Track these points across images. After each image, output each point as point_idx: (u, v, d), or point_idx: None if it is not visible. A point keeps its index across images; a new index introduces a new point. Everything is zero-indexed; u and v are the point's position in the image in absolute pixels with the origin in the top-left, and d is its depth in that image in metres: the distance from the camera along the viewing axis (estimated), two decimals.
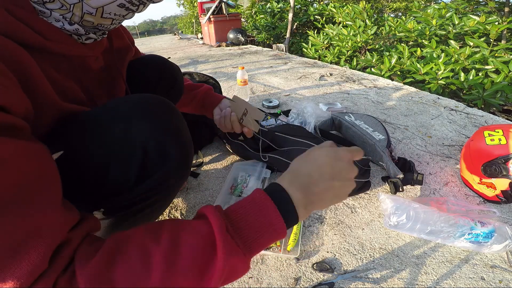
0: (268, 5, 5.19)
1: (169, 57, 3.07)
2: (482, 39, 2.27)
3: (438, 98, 1.60)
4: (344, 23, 3.47)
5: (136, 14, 0.47)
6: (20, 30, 0.36)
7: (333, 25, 3.60)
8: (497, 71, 2.00)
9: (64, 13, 0.40)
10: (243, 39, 4.40)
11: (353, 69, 2.57)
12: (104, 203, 0.45)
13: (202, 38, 5.76)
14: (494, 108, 2.09)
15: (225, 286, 0.66)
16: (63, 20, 0.41)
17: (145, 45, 6.32)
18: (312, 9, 4.46)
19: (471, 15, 2.36)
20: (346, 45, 3.10)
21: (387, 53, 2.69)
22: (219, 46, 4.49)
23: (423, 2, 4.38)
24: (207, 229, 0.31)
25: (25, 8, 0.38)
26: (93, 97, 0.51)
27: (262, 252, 0.71)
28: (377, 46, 3.28)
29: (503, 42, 2.56)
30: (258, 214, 0.34)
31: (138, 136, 0.43)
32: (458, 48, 2.24)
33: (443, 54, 2.26)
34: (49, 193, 0.29)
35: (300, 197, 0.36)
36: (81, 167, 0.43)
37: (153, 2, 0.45)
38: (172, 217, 0.84)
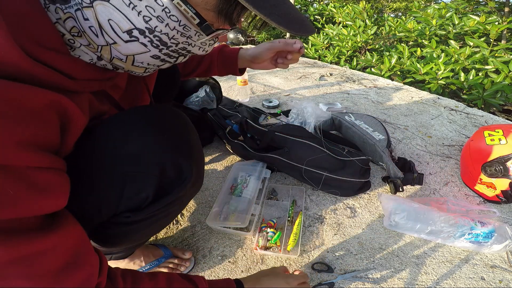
0: None
1: None
2: (482, 39, 2.27)
3: (438, 98, 1.60)
4: (344, 23, 3.47)
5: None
6: (45, 74, 0.33)
7: (333, 25, 3.60)
8: (497, 71, 2.00)
9: (92, 50, 0.38)
10: (243, 39, 4.40)
11: (353, 69, 2.57)
12: (120, 216, 0.44)
13: None
14: (494, 108, 2.09)
15: None
16: (92, 54, 0.38)
17: None
18: (312, 9, 4.46)
19: (471, 15, 2.36)
20: (346, 45, 3.10)
21: (387, 53, 2.69)
22: None
23: (423, 2, 4.37)
24: None
25: (46, 45, 0.34)
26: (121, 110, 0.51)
27: (262, 252, 0.72)
28: (377, 46, 3.28)
29: (503, 42, 2.56)
30: None
31: (154, 156, 0.43)
32: (458, 48, 2.24)
33: (443, 54, 2.26)
34: (83, 268, 0.36)
35: None
36: (96, 185, 0.42)
37: (185, 56, 0.43)
38: None
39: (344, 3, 4.39)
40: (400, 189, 0.85)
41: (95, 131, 0.44)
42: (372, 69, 2.52)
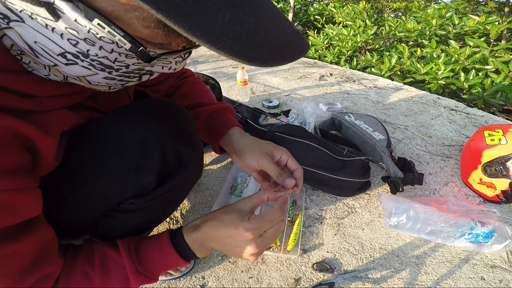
0: None
1: None
2: (482, 39, 2.27)
3: (438, 98, 1.60)
4: (344, 23, 3.47)
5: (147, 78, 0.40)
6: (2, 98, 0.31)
7: (333, 25, 3.60)
8: (497, 71, 2.00)
9: (44, 71, 0.33)
10: None
11: (353, 69, 2.57)
12: (125, 203, 0.46)
13: None
14: (494, 108, 2.09)
15: (224, 286, 0.66)
16: (44, 70, 0.34)
17: None
18: (312, 9, 4.46)
19: (471, 15, 2.36)
20: (346, 45, 3.10)
21: (387, 53, 2.69)
22: None
23: (423, 2, 4.37)
24: (122, 269, 0.43)
25: (4, 68, 0.31)
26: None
27: None
28: (377, 46, 3.28)
29: (503, 42, 2.56)
30: (164, 263, 0.46)
31: (156, 144, 0.45)
32: (458, 48, 2.24)
33: (443, 54, 2.26)
34: (46, 268, 0.39)
35: (198, 251, 0.46)
36: (101, 174, 0.44)
37: (150, 74, 0.38)
38: (172, 216, 0.84)
39: (344, 3, 4.39)
40: (400, 189, 0.85)
41: (97, 124, 0.46)
42: (372, 69, 2.52)
